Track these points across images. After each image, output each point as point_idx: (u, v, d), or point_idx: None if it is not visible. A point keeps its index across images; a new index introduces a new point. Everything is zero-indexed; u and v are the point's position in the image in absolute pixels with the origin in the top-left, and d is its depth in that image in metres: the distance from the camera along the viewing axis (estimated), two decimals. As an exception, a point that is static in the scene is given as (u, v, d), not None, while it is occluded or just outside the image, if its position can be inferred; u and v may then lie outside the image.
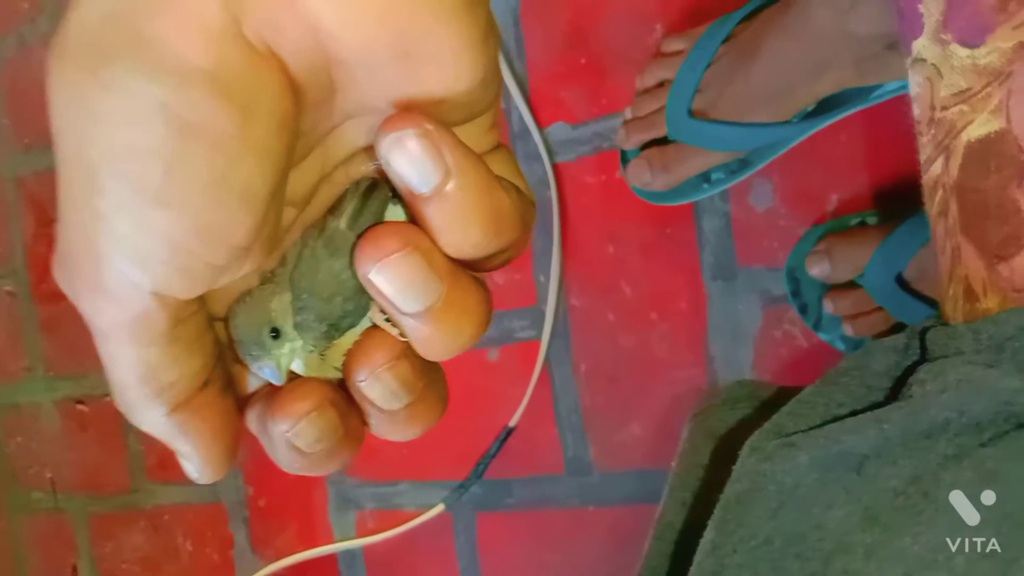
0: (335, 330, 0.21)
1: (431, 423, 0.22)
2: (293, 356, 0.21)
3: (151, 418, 0.20)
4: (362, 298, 0.21)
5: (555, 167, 0.77)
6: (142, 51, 0.16)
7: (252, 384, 0.23)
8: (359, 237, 0.20)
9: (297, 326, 0.21)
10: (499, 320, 0.82)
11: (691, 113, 0.64)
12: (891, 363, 0.27)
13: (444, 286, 0.19)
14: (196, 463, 0.20)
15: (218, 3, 0.16)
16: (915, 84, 0.28)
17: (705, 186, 0.67)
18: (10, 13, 1.10)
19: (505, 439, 0.82)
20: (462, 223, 0.19)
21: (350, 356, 0.21)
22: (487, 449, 0.83)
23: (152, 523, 1.06)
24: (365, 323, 0.21)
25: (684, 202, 0.70)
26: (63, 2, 0.17)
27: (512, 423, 0.81)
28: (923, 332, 0.27)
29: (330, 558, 0.94)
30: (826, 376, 0.27)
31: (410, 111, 0.19)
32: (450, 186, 0.18)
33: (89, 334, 0.19)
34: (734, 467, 0.25)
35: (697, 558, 0.24)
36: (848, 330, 0.64)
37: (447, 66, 0.18)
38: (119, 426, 1.06)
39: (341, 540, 0.92)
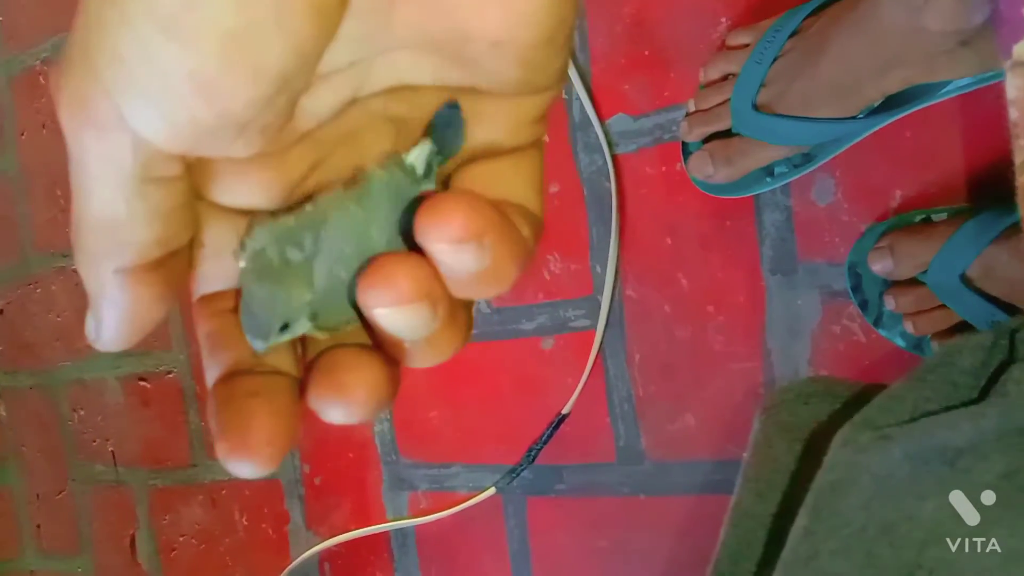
0: (339, 326, 0.21)
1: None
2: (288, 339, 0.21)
3: (99, 268, 0.19)
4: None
5: (615, 158, 0.78)
6: None
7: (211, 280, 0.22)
8: (368, 263, 0.20)
9: (310, 319, 0.21)
10: (554, 309, 0.83)
11: (756, 107, 0.65)
12: (978, 361, 0.27)
13: (440, 325, 0.19)
14: (110, 328, 0.20)
15: None
16: (1013, 88, 0.28)
17: (768, 180, 0.68)
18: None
19: (557, 426, 0.83)
20: (478, 290, 0.19)
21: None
22: (540, 435, 0.84)
23: (210, 498, 1.09)
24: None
25: (745, 195, 0.70)
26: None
27: (565, 410, 0.82)
28: (1013, 332, 0.28)
29: (382, 537, 0.96)
30: (913, 372, 0.28)
31: (460, 194, 0.18)
32: (481, 270, 0.19)
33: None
34: (825, 457, 0.26)
35: (790, 543, 0.25)
36: (909, 327, 0.64)
37: (513, 6, 0.18)
38: (180, 403, 1.09)
39: (394, 520, 0.94)
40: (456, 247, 0.18)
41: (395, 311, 0.19)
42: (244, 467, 0.19)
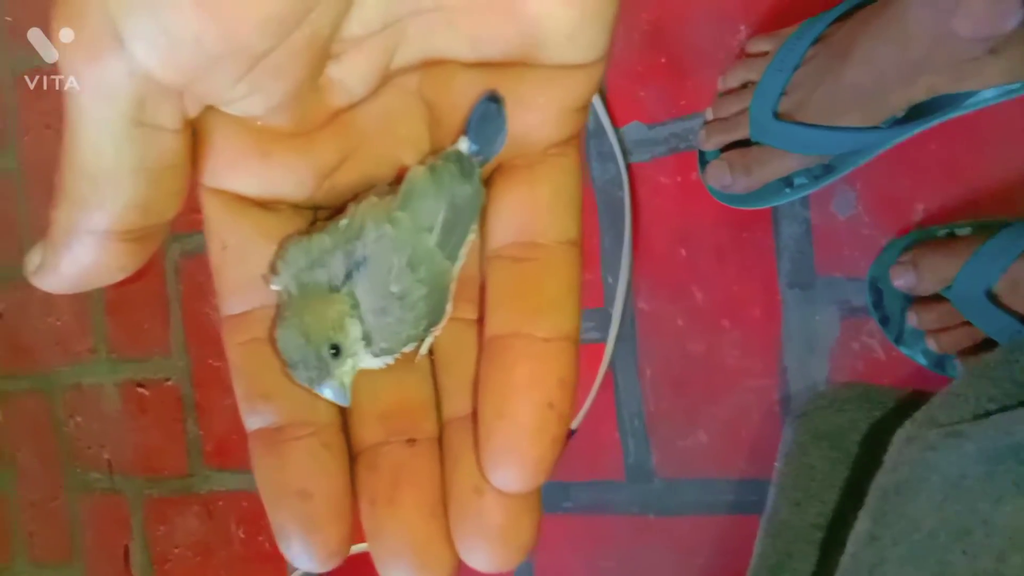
0: (402, 345, 0.20)
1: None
2: (354, 371, 0.20)
3: (73, 221, 0.17)
4: (436, 314, 0.20)
5: (629, 167, 0.76)
6: None
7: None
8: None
9: (364, 341, 0.19)
10: (564, 320, 0.81)
11: (777, 115, 0.63)
12: (1041, 360, 0.26)
13: None
14: (59, 277, 0.18)
15: None
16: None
17: (787, 190, 0.66)
18: None
19: (565, 441, 0.81)
20: None
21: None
22: (546, 450, 0.82)
23: (206, 508, 1.07)
24: (431, 337, 0.20)
25: (764, 206, 0.68)
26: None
27: (573, 426, 0.80)
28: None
29: (382, 552, 0.93)
30: (974, 370, 0.26)
31: (527, 450, 0.19)
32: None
33: (153, 319, 0.18)
34: (886, 456, 0.24)
35: (850, 549, 0.23)
36: (932, 344, 0.62)
37: None
38: (178, 411, 1.07)
39: (394, 535, 0.92)
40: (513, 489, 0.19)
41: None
42: (311, 568, 0.19)
